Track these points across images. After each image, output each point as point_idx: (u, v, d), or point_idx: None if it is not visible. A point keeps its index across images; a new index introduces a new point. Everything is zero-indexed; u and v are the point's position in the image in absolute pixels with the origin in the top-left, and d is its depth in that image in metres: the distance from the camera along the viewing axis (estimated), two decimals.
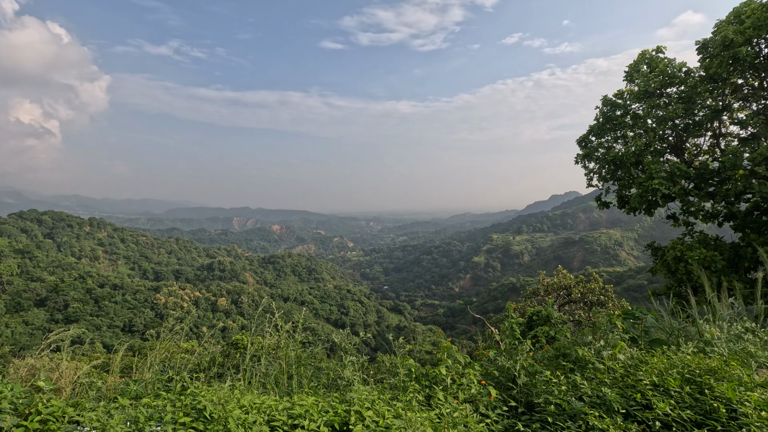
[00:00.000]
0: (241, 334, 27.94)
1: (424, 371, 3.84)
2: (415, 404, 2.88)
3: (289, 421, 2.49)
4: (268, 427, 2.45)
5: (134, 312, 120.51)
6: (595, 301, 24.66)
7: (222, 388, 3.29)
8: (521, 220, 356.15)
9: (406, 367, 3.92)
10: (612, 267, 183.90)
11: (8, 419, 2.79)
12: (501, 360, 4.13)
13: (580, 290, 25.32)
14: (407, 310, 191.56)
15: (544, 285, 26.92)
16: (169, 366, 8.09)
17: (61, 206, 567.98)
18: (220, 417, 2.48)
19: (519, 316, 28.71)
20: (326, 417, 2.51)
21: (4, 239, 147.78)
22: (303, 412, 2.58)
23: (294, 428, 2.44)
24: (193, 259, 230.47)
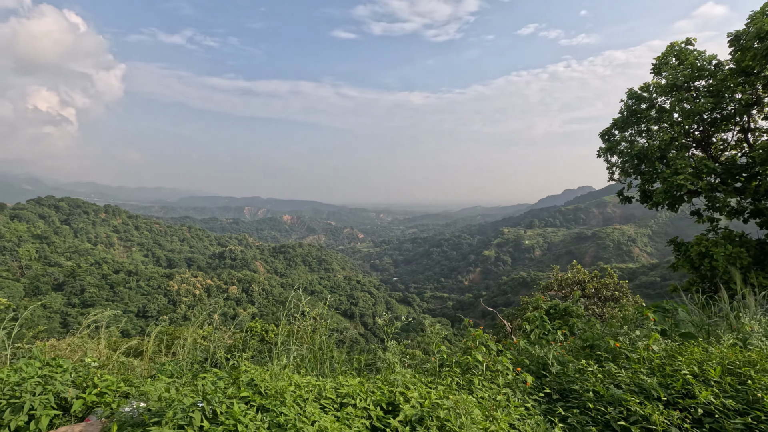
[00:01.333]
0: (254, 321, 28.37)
1: (457, 358, 3.91)
2: (455, 387, 2.95)
3: (338, 399, 2.59)
4: (319, 404, 2.55)
5: (148, 298, 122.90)
6: (610, 297, 24.55)
7: (267, 368, 3.40)
8: (533, 214, 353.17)
9: (439, 353, 4.00)
10: (625, 263, 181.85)
11: (71, 391, 2.94)
12: (532, 349, 4.18)
13: (595, 285, 25.21)
14: (416, 302, 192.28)
15: (557, 279, 26.84)
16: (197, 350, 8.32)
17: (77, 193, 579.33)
18: (276, 393, 2.58)
19: (533, 310, 28.69)
20: (374, 397, 2.61)
21: (23, 225, 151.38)
22: (351, 392, 2.67)
23: (343, 406, 2.53)
24: (205, 248, 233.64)
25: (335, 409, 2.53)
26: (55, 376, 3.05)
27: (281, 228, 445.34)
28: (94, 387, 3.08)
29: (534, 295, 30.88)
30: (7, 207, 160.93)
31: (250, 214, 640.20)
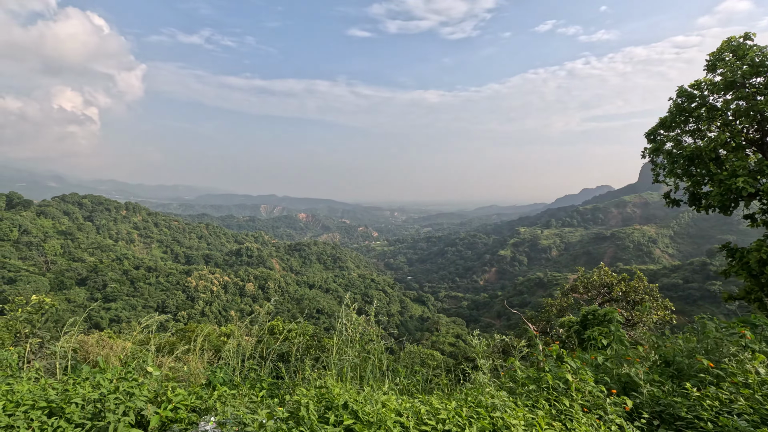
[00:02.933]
0: (276, 320, 28.46)
1: (535, 374, 3.66)
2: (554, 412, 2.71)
3: (440, 426, 2.39)
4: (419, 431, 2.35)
5: (167, 294, 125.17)
6: (639, 301, 23.87)
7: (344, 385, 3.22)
8: (550, 213, 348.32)
9: (509, 368, 3.76)
10: (645, 264, 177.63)
11: (150, 407, 2.82)
12: (612, 366, 3.90)
13: (622, 288, 24.57)
14: (431, 301, 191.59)
15: (582, 282, 26.22)
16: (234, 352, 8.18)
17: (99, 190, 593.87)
18: (378, 420, 2.39)
19: (557, 312, 27.88)
20: (478, 424, 2.39)
21: (48, 221, 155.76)
22: (449, 417, 2.47)
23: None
24: (222, 245, 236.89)
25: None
26: (134, 391, 2.93)
27: (296, 226, 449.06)
28: (168, 402, 2.95)
29: (556, 297, 30.31)
30: (33, 204, 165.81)
31: (266, 211, 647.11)
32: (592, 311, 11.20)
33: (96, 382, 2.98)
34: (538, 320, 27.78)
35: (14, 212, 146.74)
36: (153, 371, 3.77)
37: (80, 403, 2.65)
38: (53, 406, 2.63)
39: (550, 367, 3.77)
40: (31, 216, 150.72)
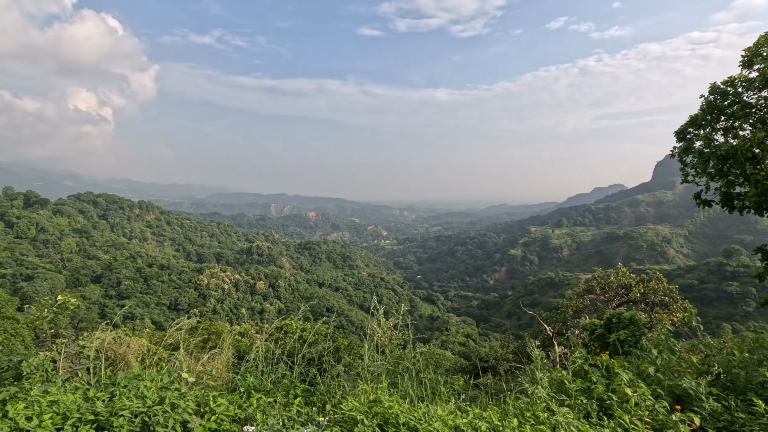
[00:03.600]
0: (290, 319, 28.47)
1: (583, 384, 3.49)
2: None
3: None
4: None
5: (179, 291, 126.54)
6: (658, 303, 23.40)
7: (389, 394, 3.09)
8: (561, 212, 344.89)
9: (554, 379, 3.59)
10: (659, 264, 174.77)
11: (195, 420, 2.73)
12: (663, 377, 3.70)
13: (641, 290, 24.10)
14: (440, 300, 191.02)
15: (599, 283, 25.78)
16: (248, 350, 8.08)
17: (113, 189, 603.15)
18: None
19: (573, 313, 27.46)
20: None
21: (64, 219, 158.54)
22: None
23: None
24: (233, 243, 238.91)
25: None
26: (179, 402, 2.84)
27: (306, 225, 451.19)
28: (211, 413, 2.86)
29: (572, 298, 29.88)
30: (50, 202, 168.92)
31: (276, 210, 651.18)
32: (617, 314, 10.93)
33: (140, 393, 2.90)
34: (553, 321, 27.39)
35: (32, 211, 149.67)
36: (188, 377, 3.68)
37: (128, 416, 2.57)
38: (101, 419, 2.54)
39: (597, 378, 3.60)
40: (47, 214, 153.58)
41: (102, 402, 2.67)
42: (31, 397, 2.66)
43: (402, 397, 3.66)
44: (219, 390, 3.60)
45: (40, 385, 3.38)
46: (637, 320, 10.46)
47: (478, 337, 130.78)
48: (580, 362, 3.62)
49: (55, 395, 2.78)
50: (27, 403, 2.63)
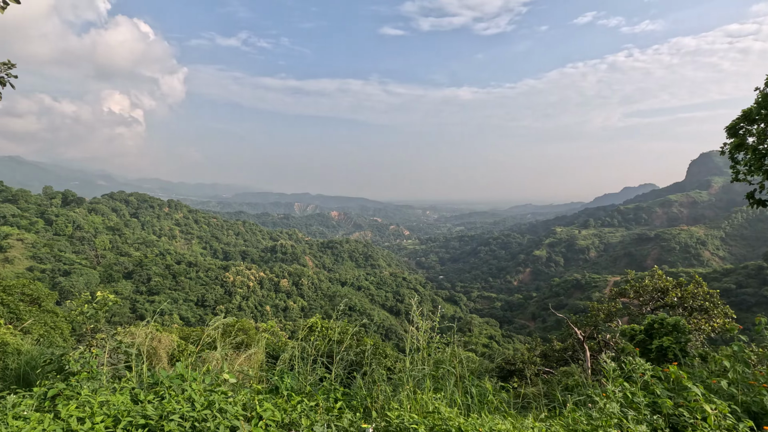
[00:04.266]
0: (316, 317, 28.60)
1: (645, 397, 3.20)
2: None
3: None
4: None
5: (206, 288, 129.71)
6: (697, 308, 22.34)
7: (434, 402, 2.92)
8: (588, 213, 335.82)
9: (617, 390, 3.32)
10: (692, 267, 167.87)
11: (244, 426, 2.65)
12: (735, 390, 3.40)
13: (678, 294, 23.07)
14: (463, 301, 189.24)
15: (634, 285, 24.84)
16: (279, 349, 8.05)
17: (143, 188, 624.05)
18: None
19: (605, 317, 26.57)
20: None
21: (98, 217, 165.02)
22: None
23: None
24: (258, 241, 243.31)
25: None
26: (228, 407, 2.77)
27: (329, 224, 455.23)
28: (258, 418, 2.78)
29: (603, 301, 28.93)
30: (85, 201, 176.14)
31: (299, 209, 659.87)
32: (659, 320, 10.37)
33: (188, 395, 2.84)
34: (583, 325, 26.58)
35: (69, 209, 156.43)
36: (230, 378, 3.62)
37: (178, 420, 2.51)
38: (151, 422, 2.50)
39: (661, 391, 3.32)
40: (83, 213, 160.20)
41: (152, 405, 2.62)
42: (82, 397, 2.64)
43: (448, 405, 3.49)
44: (263, 393, 3.51)
45: (86, 383, 3.37)
46: (682, 326, 9.92)
47: (501, 338, 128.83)
48: (649, 375, 3.33)
49: (105, 395, 2.75)
50: (78, 403, 2.61)
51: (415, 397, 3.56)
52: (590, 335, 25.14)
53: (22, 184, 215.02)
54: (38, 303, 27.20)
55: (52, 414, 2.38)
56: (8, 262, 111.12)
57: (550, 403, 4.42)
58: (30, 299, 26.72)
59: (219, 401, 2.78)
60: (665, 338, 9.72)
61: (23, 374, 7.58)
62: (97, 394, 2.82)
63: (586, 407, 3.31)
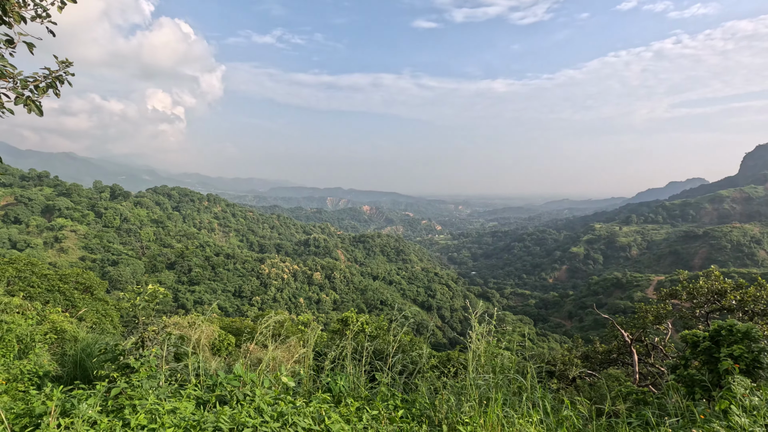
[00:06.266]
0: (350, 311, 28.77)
1: (742, 422, 2.78)
2: None
3: None
4: None
5: (243, 279, 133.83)
6: (759, 312, 20.71)
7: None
8: (630, 208, 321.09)
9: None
10: (746, 268, 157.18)
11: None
12: None
13: (737, 297, 21.46)
14: (495, 297, 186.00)
15: (687, 287, 23.34)
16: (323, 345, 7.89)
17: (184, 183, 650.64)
18: None
19: (653, 319, 25.13)
20: None
21: (143, 210, 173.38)
22: None
23: None
24: (292, 235, 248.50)
25: None
26: (297, 420, 2.62)
27: (361, 218, 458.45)
28: (327, 431, 2.61)
29: (652, 302, 27.42)
30: (131, 195, 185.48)
31: (332, 204, 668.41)
32: (728, 326, 9.52)
33: (257, 405, 2.70)
34: (630, 326, 25.32)
35: (116, 202, 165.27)
36: (288, 382, 3.47)
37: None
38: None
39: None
40: (129, 206, 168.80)
41: (224, 416, 2.49)
42: (149, 405, 2.56)
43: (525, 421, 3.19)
44: (330, 402, 3.35)
45: (146, 381, 3.32)
46: (755, 333, 9.06)
47: (535, 336, 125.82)
48: (761, 398, 2.88)
49: (171, 403, 2.65)
50: (146, 410, 2.52)
51: (484, 410, 3.29)
52: (638, 338, 23.91)
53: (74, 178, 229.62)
54: (91, 291, 28.74)
55: (120, 422, 2.30)
56: (63, 252, 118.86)
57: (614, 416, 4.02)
58: (83, 287, 28.27)
59: (289, 413, 2.63)
60: (735, 347, 8.90)
61: (80, 361, 7.81)
62: (162, 399, 2.73)
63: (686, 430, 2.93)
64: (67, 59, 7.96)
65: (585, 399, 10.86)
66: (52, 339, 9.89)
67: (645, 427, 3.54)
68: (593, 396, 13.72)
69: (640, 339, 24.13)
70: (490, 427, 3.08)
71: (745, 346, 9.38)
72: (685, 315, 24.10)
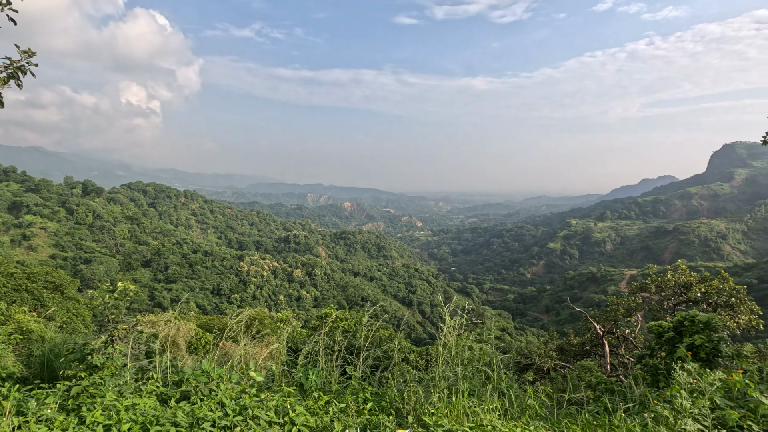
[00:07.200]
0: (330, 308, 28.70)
1: (701, 404, 2.93)
2: None
3: None
4: None
5: (221, 277, 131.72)
6: (723, 304, 21.64)
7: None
8: (605, 205, 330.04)
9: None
10: (712, 262, 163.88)
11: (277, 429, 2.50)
12: None
13: (702, 289, 22.38)
14: (475, 293, 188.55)
15: (656, 281, 24.18)
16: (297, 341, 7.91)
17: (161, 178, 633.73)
18: None
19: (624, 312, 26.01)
20: None
21: (117, 207, 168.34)
22: None
23: None
24: (272, 231, 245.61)
25: None
26: (260, 413, 2.62)
27: (342, 215, 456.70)
28: (291, 424, 2.62)
29: (623, 295, 28.34)
30: (105, 191, 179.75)
31: (312, 200, 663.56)
32: (690, 316, 9.94)
33: (219, 399, 2.69)
34: (602, 319, 26.07)
35: (89, 198, 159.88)
36: (256, 377, 3.47)
37: (210, 429, 2.35)
38: (181, 430, 2.33)
39: (720, 401, 3.05)
40: (102, 202, 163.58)
41: (183, 411, 2.46)
42: (107, 400, 2.51)
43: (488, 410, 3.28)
44: (294, 395, 3.35)
45: (110, 379, 3.25)
46: (715, 324, 9.50)
47: (514, 331, 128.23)
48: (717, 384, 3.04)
49: (131, 399, 2.61)
50: (103, 407, 2.47)
51: (450, 400, 3.37)
52: (609, 330, 24.67)
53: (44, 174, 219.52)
54: (61, 290, 27.78)
55: (77, 419, 2.25)
56: (32, 249, 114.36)
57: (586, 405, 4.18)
58: (53, 286, 27.30)
59: (251, 406, 2.62)
60: (697, 336, 9.33)
61: (47, 362, 7.59)
62: (122, 396, 2.68)
63: (640, 417, 3.07)
64: (29, 49, 7.63)
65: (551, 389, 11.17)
66: (17, 339, 9.55)
67: (605, 414, 3.70)
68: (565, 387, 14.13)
69: (611, 331, 24.91)
70: (455, 417, 3.16)
71: (705, 335, 9.83)
72: (654, 307, 24.99)
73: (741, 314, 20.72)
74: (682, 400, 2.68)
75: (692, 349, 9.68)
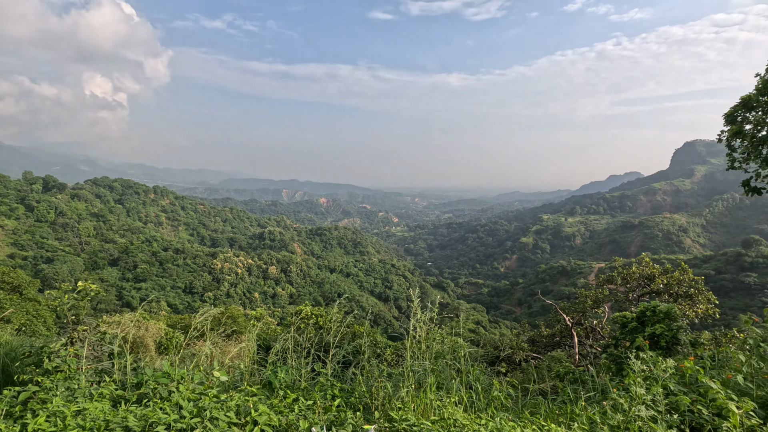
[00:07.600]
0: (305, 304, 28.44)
1: (654, 392, 3.04)
2: None
3: None
4: None
5: (194, 275, 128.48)
6: (683, 294, 22.69)
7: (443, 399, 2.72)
8: (575, 200, 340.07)
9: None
10: (674, 254, 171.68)
11: None
12: (751, 385, 3.28)
13: (664, 281, 23.40)
14: (450, 287, 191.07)
15: (621, 273, 25.11)
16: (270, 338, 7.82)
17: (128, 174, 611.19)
18: None
19: (592, 303, 26.82)
20: None
21: (81, 203, 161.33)
22: None
23: None
24: (246, 228, 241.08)
25: None
26: (219, 415, 2.53)
27: (317, 211, 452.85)
28: (253, 424, 2.55)
29: (591, 288, 29.27)
30: (68, 187, 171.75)
31: (287, 196, 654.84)
32: (651, 307, 10.37)
33: (175, 401, 2.59)
34: (571, 311, 26.87)
35: (50, 195, 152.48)
36: (221, 376, 3.38)
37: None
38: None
39: (674, 387, 3.18)
40: (65, 199, 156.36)
41: (134, 415, 2.35)
42: (53, 405, 2.36)
43: (454, 403, 3.32)
44: (258, 395, 3.27)
45: (63, 383, 3.10)
46: (674, 314, 9.95)
47: (488, 324, 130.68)
48: (671, 371, 3.17)
49: (80, 404, 2.48)
50: (49, 413, 2.33)
51: (418, 394, 3.38)
52: (578, 321, 25.44)
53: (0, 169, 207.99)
54: (19, 291, 26.40)
55: (19, 427, 2.10)
56: None
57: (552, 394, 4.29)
58: (10, 287, 25.91)
59: (210, 407, 2.54)
60: (657, 326, 9.76)
61: (2, 366, 7.22)
62: (72, 401, 2.55)
63: (600, 405, 3.18)
64: None
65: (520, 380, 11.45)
66: None
67: (568, 403, 3.82)
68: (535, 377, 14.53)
69: (580, 322, 25.69)
70: (422, 411, 3.17)
71: (666, 325, 10.29)
72: (620, 299, 25.94)
73: (699, 304, 21.80)
74: (636, 388, 2.80)
75: (654, 338, 10.13)
